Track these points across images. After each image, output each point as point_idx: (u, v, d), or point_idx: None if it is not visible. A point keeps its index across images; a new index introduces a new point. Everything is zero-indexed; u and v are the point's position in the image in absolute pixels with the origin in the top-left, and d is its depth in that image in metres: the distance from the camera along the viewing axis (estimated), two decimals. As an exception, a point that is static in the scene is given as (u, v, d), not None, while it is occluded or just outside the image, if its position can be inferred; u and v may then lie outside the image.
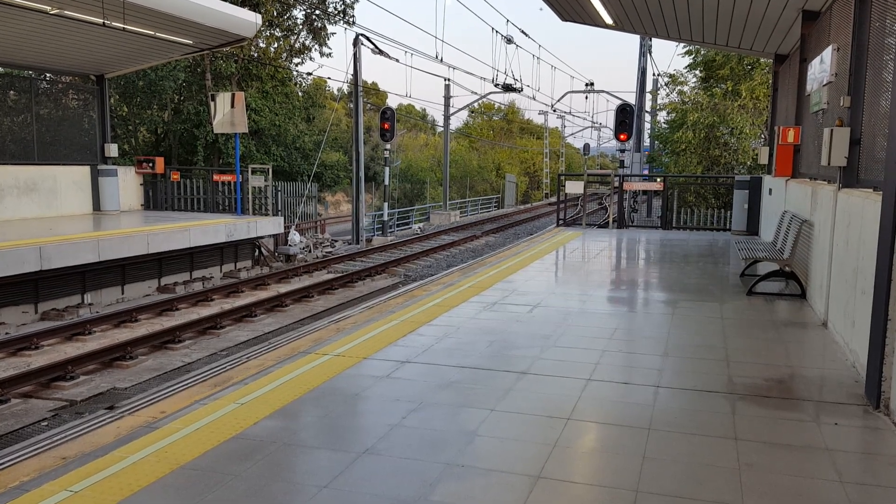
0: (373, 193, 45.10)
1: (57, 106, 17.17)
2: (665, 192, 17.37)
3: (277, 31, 28.83)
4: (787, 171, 10.55)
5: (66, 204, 16.54)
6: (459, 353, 5.85)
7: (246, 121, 17.57)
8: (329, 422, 4.34)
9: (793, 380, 5.26)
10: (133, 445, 3.95)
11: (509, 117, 70.05)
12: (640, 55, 26.22)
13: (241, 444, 3.98)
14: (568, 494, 3.46)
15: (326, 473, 3.63)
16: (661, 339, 6.37)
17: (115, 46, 15.05)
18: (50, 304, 12.06)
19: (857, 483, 3.59)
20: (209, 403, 4.62)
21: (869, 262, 4.91)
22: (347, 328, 6.66)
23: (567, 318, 7.20)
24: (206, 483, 3.51)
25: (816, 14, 9.20)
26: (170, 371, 9.24)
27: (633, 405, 4.67)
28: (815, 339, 6.51)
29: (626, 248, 13.28)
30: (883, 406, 4.52)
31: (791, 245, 8.33)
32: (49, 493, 3.39)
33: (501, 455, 3.90)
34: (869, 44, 6.06)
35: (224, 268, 16.42)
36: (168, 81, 25.37)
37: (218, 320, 11.46)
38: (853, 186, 6.23)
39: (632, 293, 8.73)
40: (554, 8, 11.91)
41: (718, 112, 22.81)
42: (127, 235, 12.93)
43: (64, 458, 3.78)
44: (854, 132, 6.27)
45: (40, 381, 8.44)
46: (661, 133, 30.62)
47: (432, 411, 4.53)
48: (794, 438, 4.14)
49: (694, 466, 3.76)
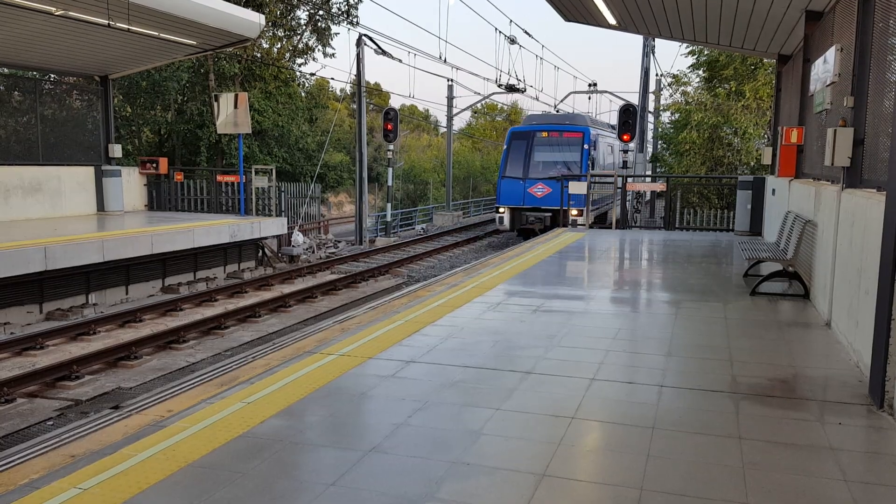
0: (376, 194, 45.13)
1: (61, 106, 17.23)
2: (668, 192, 17.37)
3: (281, 31, 28.88)
4: (791, 171, 10.55)
5: (70, 204, 16.59)
6: (464, 352, 5.87)
7: (249, 121, 17.60)
8: (335, 420, 4.36)
9: (796, 380, 5.28)
10: (141, 443, 3.97)
11: (512, 118, 70.07)
12: (644, 55, 26.21)
13: (249, 443, 4.00)
14: (573, 493, 3.48)
15: (333, 471, 3.66)
16: (664, 339, 6.38)
17: (119, 47, 15.10)
18: (55, 305, 12.11)
19: (862, 482, 3.61)
20: (216, 402, 4.65)
21: (872, 262, 4.92)
22: (352, 328, 6.69)
23: (571, 318, 7.22)
24: (213, 481, 3.53)
25: (820, 14, 9.20)
26: (174, 371, 9.28)
27: (637, 404, 4.69)
28: (818, 339, 6.52)
29: (630, 249, 13.29)
30: (887, 406, 4.53)
31: (794, 245, 8.34)
32: (59, 490, 3.42)
33: (506, 454, 3.92)
34: (872, 44, 6.07)
35: (228, 268, 16.46)
36: (172, 82, 25.42)
37: (222, 320, 11.50)
38: (857, 186, 6.24)
39: (635, 293, 8.75)
40: (557, 8, 11.92)
41: (722, 112, 22.81)
42: (131, 236, 12.97)
43: (73, 456, 3.81)
44: (857, 132, 6.28)
45: (45, 380, 8.48)
46: (665, 133, 30.62)
47: (437, 410, 4.55)
48: (798, 438, 4.16)
49: (698, 465, 3.78)
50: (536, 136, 22.57)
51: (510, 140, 23.02)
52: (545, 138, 22.47)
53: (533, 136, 22.63)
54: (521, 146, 22.51)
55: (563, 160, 22.09)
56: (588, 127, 23.24)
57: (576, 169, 21.48)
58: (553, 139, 22.48)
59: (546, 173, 21.89)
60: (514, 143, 22.80)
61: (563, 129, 22.65)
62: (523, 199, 21.86)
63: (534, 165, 22.23)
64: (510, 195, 22.14)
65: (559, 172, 21.27)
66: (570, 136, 22.37)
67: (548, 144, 22.45)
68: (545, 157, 22.29)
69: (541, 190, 21.63)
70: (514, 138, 22.96)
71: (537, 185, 21.82)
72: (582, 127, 23.12)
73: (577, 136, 22.38)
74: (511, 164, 22.40)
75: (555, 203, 20.56)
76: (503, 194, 22.30)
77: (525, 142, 22.56)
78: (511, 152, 22.60)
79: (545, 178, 21.77)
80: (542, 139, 22.49)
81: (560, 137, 22.43)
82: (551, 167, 22.05)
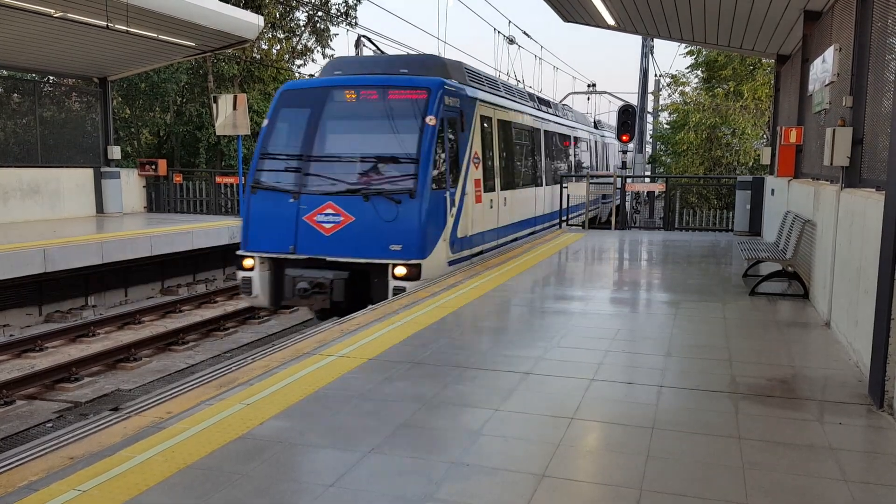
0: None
1: (60, 108, 17.24)
2: (667, 192, 17.38)
3: (280, 32, 28.88)
4: (790, 171, 10.56)
5: (69, 206, 16.59)
6: (464, 353, 5.87)
7: (248, 123, 17.55)
8: (335, 421, 4.36)
9: (796, 379, 5.28)
10: (140, 445, 3.97)
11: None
12: (642, 56, 26.20)
13: (248, 444, 4.00)
14: (572, 493, 3.47)
15: (333, 472, 3.65)
16: (664, 340, 6.38)
17: (117, 49, 15.11)
18: (54, 307, 12.11)
19: (861, 482, 3.60)
20: (215, 404, 4.64)
21: (872, 261, 4.92)
22: (352, 329, 6.68)
23: (570, 318, 7.22)
24: (213, 482, 3.53)
25: (818, 14, 9.21)
26: (174, 373, 9.27)
27: (636, 405, 4.69)
28: (818, 338, 6.53)
29: (629, 250, 13.29)
30: (886, 405, 4.53)
31: (794, 245, 8.34)
32: (58, 492, 3.42)
33: (506, 454, 3.92)
34: (871, 43, 6.07)
35: (227, 270, 16.45)
36: (170, 84, 25.42)
37: (221, 322, 11.49)
38: (856, 186, 6.24)
39: (635, 294, 8.75)
40: (556, 9, 11.94)
41: (720, 113, 22.83)
42: (130, 238, 12.97)
43: (72, 457, 3.80)
44: (856, 132, 6.28)
45: (45, 382, 8.48)
46: (663, 134, 30.64)
47: (437, 411, 4.55)
48: (797, 438, 4.15)
49: (698, 465, 3.78)
50: (332, 97, 10.57)
51: (277, 108, 10.82)
52: (350, 104, 10.54)
53: (325, 98, 10.59)
54: (296, 122, 10.66)
55: (386, 152, 10.24)
56: (442, 80, 10.62)
57: (403, 171, 9.94)
58: (366, 105, 10.47)
59: (346, 180, 10.11)
60: (282, 116, 10.81)
61: (387, 85, 10.51)
62: (295, 239, 9.97)
63: (320, 165, 10.33)
64: (266, 229, 10.20)
65: (371, 180, 10.04)
66: (400, 97, 10.40)
67: (354, 117, 10.61)
68: (346, 146, 10.51)
69: (332, 218, 9.89)
70: (286, 104, 10.83)
71: (325, 206, 9.93)
72: (429, 81, 10.56)
73: (414, 99, 10.33)
74: (270, 161, 10.61)
75: (365, 248, 9.68)
76: (253, 226, 10.35)
77: (307, 112, 10.62)
78: (273, 135, 10.72)
79: (343, 191, 9.95)
80: (344, 105, 10.57)
81: (380, 102, 10.44)
82: (356, 168, 10.28)
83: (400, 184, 9.76)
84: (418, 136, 9.95)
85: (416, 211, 9.58)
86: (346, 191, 9.88)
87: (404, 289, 9.19)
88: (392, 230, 9.56)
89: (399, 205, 9.57)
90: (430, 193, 9.72)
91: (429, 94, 10.19)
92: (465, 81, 11.71)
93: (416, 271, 9.42)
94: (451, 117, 10.57)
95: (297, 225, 9.92)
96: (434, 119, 10.01)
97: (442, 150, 10.23)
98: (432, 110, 10.07)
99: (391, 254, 9.52)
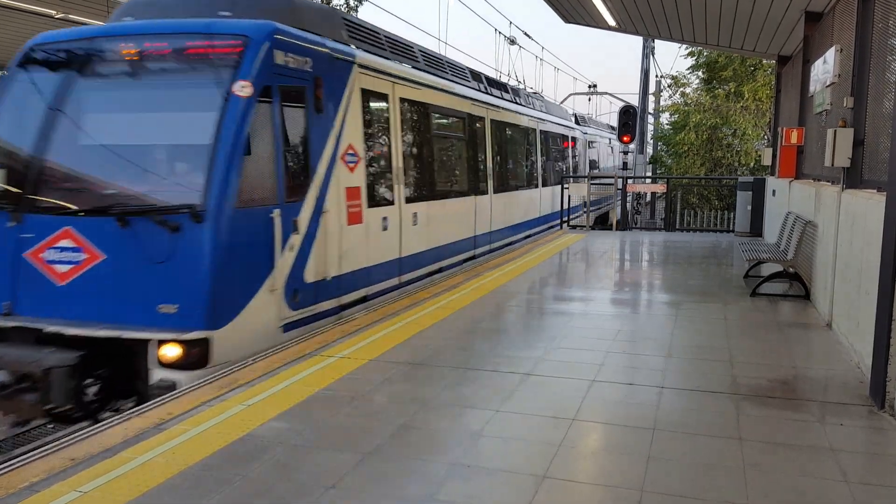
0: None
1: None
2: (668, 193, 17.37)
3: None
4: (791, 172, 10.55)
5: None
6: (464, 354, 5.87)
7: None
8: (335, 422, 4.36)
9: (797, 380, 5.27)
10: (141, 446, 3.97)
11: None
12: (643, 57, 26.20)
13: (249, 445, 4.00)
14: (573, 494, 3.47)
15: (333, 474, 3.65)
16: (664, 341, 6.38)
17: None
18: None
19: (863, 483, 3.60)
20: (216, 405, 4.64)
21: (873, 262, 4.92)
22: (352, 330, 6.68)
23: (571, 319, 7.22)
24: (213, 483, 3.53)
25: (819, 15, 9.21)
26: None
27: (637, 406, 4.69)
28: (819, 339, 6.52)
29: (630, 250, 13.28)
30: (888, 406, 4.53)
31: (795, 246, 8.34)
32: (58, 493, 3.42)
33: (506, 455, 3.92)
34: (872, 44, 6.07)
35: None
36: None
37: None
38: (857, 187, 6.24)
39: (635, 295, 8.75)
40: (556, 10, 11.94)
41: (721, 113, 22.82)
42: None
43: (72, 459, 3.80)
44: (857, 133, 6.28)
45: (46, 383, 8.44)
46: (664, 135, 30.64)
47: (437, 412, 4.54)
48: (798, 439, 4.15)
49: (699, 467, 3.77)
50: (98, 55, 6.34)
51: (13, 73, 6.57)
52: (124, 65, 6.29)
53: (87, 57, 6.35)
54: (36, 95, 6.35)
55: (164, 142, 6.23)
56: (273, 25, 6.48)
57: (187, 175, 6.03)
58: (149, 67, 6.26)
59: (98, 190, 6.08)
60: (18, 85, 6.51)
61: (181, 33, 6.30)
62: (12, 290, 5.88)
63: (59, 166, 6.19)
64: None
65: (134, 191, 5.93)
66: (201, 51, 6.19)
67: (126, 87, 6.33)
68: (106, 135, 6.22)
69: (71, 256, 5.78)
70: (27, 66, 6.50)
71: (61, 234, 5.81)
72: (248, 25, 6.40)
73: (221, 54, 6.17)
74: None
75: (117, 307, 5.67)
76: None
77: (56, 79, 6.35)
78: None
79: (90, 210, 5.88)
80: (115, 68, 6.32)
81: (170, 62, 6.23)
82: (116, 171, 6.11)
83: (178, 196, 5.77)
84: (218, 116, 5.87)
85: (205, 243, 5.63)
86: (95, 209, 5.83)
87: (174, 385, 5.34)
88: (162, 278, 5.61)
89: (176, 233, 5.61)
90: (234, 212, 5.77)
91: (245, 45, 6.16)
92: (339, 36, 7.85)
93: (198, 352, 5.50)
94: (292, 86, 6.68)
95: (14, 266, 5.88)
96: (249, 87, 5.98)
97: (268, 140, 6.29)
98: (247, 73, 6.03)
99: (158, 319, 5.56)
